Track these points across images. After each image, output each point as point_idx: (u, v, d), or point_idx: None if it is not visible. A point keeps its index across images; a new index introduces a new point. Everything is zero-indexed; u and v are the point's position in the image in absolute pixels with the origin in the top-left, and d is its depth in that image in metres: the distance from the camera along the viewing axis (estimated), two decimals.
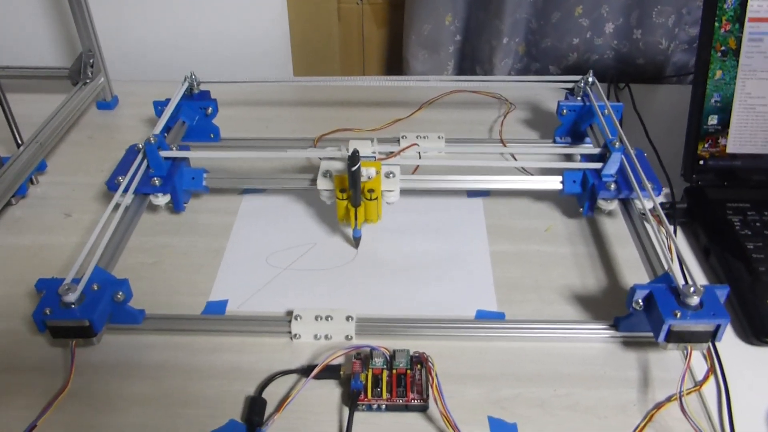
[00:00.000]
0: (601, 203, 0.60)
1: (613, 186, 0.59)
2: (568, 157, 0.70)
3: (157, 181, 0.60)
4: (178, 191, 0.62)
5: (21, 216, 0.66)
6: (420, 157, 0.68)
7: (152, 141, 0.60)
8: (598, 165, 0.60)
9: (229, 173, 0.66)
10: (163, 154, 0.61)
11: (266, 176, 0.67)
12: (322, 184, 0.58)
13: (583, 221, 0.64)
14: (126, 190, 0.58)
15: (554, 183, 0.61)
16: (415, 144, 0.65)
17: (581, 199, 0.62)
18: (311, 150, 0.64)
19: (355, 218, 0.57)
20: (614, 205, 0.60)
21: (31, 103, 0.79)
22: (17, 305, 0.55)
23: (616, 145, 0.59)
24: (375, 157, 0.60)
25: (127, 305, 0.50)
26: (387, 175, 0.58)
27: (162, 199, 0.61)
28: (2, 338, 0.52)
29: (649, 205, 0.57)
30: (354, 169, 0.53)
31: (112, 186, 0.60)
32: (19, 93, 0.80)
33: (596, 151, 0.62)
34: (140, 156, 0.61)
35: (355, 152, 0.52)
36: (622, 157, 0.60)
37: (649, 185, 0.57)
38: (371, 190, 0.56)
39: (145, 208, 0.62)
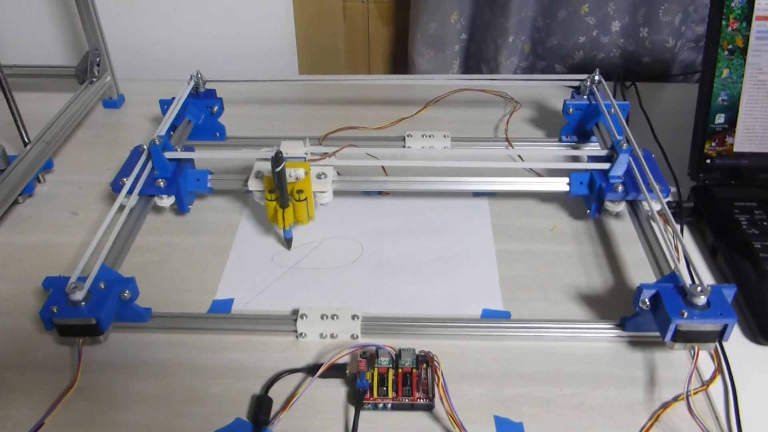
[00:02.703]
0: (609, 205, 0.59)
1: (620, 187, 0.58)
2: (575, 158, 0.69)
3: (161, 183, 0.60)
4: (182, 193, 0.61)
5: (28, 214, 0.66)
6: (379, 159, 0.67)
7: (157, 142, 0.59)
8: (605, 166, 0.59)
9: (233, 173, 0.66)
10: (168, 155, 0.61)
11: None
12: (253, 185, 0.58)
13: (589, 220, 0.64)
14: (130, 192, 0.58)
15: (561, 184, 0.61)
16: (351, 145, 0.64)
17: (588, 200, 0.61)
18: (245, 151, 0.63)
19: (283, 219, 0.57)
20: (622, 207, 0.60)
21: (37, 102, 0.79)
22: (25, 303, 0.55)
23: (624, 146, 0.58)
24: (305, 157, 0.58)
25: (134, 303, 0.50)
26: (319, 176, 0.58)
27: (167, 201, 0.61)
28: (10, 336, 0.52)
29: (656, 207, 0.56)
30: (278, 169, 0.52)
31: (116, 187, 0.60)
32: (25, 92, 0.80)
33: (603, 152, 0.61)
34: (144, 157, 0.61)
35: (278, 153, 0.52)
36: (630, 158, 0.59)
37: (657, 187, 0.56)
38: (300, 191, 0.56)
39: (149, 209, 0.62)
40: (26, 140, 0.69)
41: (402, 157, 0.69)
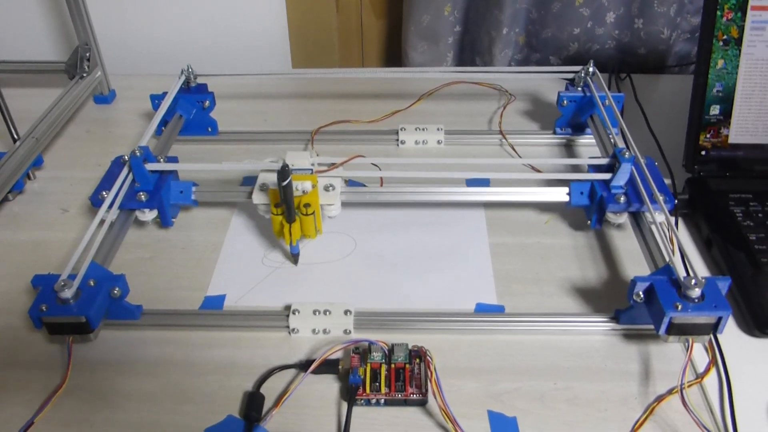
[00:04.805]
0: (610, 216, 0.57)
1: (622, 198, 0.56)
2: (576, 167, 0.68)
3: (143, 196, 0.57)
4: (165, 206, 0.59)
5: (18, 212, 0.65)
6: (380, 169, 0.63)
7: (137, 153, 0.57)
8: (606, 176, 0.57)
9: (219, 184, 0.64)
10: (150, 167, 0.58)
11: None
12: (258, 198, 0.56)
13: (582, 212, 0.63)
14: (111, 206, 0.56)
15: (560, 195, 0.58)
16: (360, 156, 0.61)
17: (589, 211, 0.59)
18: (248, 163, 0.60)
19: (290, 234, 0.54)
20: (624, 219, 0.57)
21: (27, 98, 0.79)
22: (15, 301, 0.55)
23: (626, 155, 0.56)
24: (312, 169, 0.56)
25: (124, 301, 0.50)
26: (326, 188, 0.56)
27: (149, 215, 0.58)
28: (0, 335, 0.52)
29: (660, 218, 0.54)
30: (285, 183, 0.50)
31: (96, 201, 0.57)
32: (14, 87, 0.80)
33: (605, 161, 0.59)
34: (126, 169, 0.58)
35: (285, 166, 0.49)
36: (632, 167, 0.57)
37: (660, 197, 0.54)
38: (307, 205, 0.54)
39: (131, 223, 0.59)
40: (15, 136, 0.68)
41: (408, 168, 0.66)
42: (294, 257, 0.58)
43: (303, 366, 0.48)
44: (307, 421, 0.45)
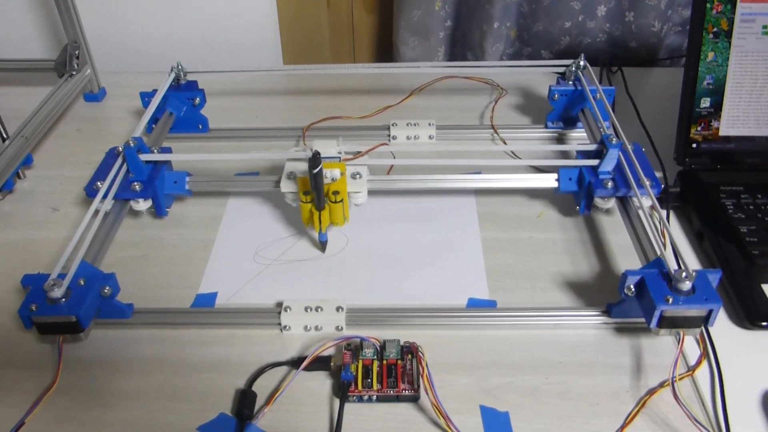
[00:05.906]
0: (598, 201, 0.58)
1: (610, 183, 0.56)
2: (564, 154, 0.69)
3: (137, 186, 0.58)
4: (159, 196, 0.59)
5: (8, 211, 0.65)
6: (394, 157, 0.65)
7: (131, 144, 0.57)
8: (594, 162, 0.58)
9: (212, 175, 0.64)
10: (144, 157, 0.58)
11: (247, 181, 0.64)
12: (286, 186, 0.56)
13: (573, 207, 0.63)
14: (106, 196, 0.56)
15: (549, 181, 0.59)
16: (384, 143, 0.62)
17: (578, 197, 0.60)
18: (274, 152, 0.60)
19: (320, 222, 0.55)
20: (612, 203, 0.58)
21: (16, 96, 0.78)
22: (5, 301, 0.54)
23: (613, 141, 0.56)
24: (340, 157, 0.56)
25: (115, 300, 0.50)
26: (353, 176, 0.56)
27: (143, 205, 0.59)
28: None
29: (647, 203, 0.55)
30: (315, 171, 0.50)
31: (90, 192, 0.57)
32: (3, 86, 0.79)
33: (593, 147, 0.59)
34: (120, 160, 0.58)
35: (316, 154, 0.50)
36: (620, 153, 0.57)
37: (647, 182, 0.55)
38: (336, 192, 0.54)
39: (125, 213, 0.59)
40: (4, 136, 0.68)
41: (420, 156, 0.66)
42: (322, 245, 0.59)
43: (295, 363, 0.48)
44: (300, 419, 0.45)
